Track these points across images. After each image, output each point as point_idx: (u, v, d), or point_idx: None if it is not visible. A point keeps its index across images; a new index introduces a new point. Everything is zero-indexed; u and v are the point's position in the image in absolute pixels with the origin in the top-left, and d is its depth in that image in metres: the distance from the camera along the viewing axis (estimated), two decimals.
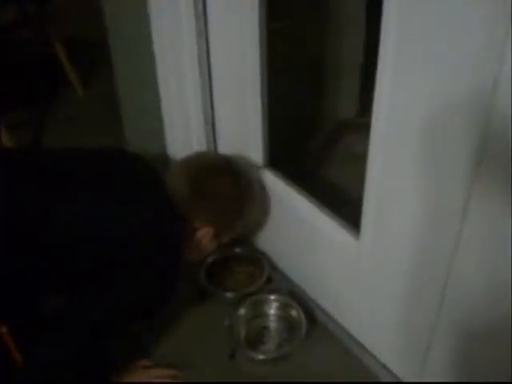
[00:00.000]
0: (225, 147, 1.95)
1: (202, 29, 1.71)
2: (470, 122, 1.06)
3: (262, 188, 1.81)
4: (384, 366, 1.62)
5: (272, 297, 1.81)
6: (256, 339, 1.75)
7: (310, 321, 1.74)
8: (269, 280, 1.89)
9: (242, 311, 1.77)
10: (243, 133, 1.81)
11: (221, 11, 1.67)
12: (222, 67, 1.78)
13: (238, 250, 2.00)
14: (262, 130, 1.75)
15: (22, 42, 3.43)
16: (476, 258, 1.17)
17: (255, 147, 1.79)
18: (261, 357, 1.68)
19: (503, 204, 1.06)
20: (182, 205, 1.51)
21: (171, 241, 1.46)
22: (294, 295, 1.84)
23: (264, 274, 1.88)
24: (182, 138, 1.99)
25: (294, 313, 1.75)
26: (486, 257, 1.15)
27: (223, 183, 1.58)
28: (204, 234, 1.56)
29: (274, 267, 1.94)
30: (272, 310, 1.81)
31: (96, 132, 2.84)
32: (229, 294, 1.83)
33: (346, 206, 1.67)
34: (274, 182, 1.79)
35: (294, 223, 1.75)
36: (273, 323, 1.79)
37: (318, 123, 2.34)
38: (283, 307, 1.79)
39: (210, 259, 1.92)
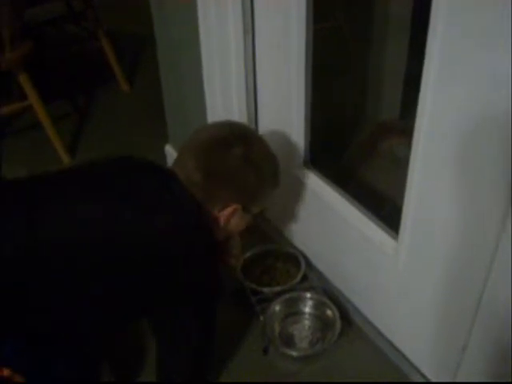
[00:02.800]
0: None
1: (248, 26, 1.72)
2: (510, 133, 1.07)
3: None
4: (416, 369, 1.61)
5: (308, 295, 1.82)
6: (290, 336, 1.76)
7: (344, 320, 1.74)
8: (304, 277, 1.90)
9: (277, 308, 1.78)
10: (286, 132, 1.82)
11: (268, 7, 1.68)
12: (266, 65, 1.79)
13: (274, 246, 2.01)
14: (305, 130, 1.76)
15: (68, 36, 3.50)
16: None
17: (297, 147, 1.81)
18: (294, 353, 1.70)
19: None
20: (199, 190, 1.42)
21: (200, 232, 1.40)
22: (329, 294, 1.84)
23: (300, 271, 1.89)
24: None
25: (328, 312, 1.76)
26: None
27: (231, 156, 1.44)
28: (231, 213, 1.46)
29: (310, 265, 1.95)
30: (307, 308, 1.81)
31: (138, 127, 2.88)
32: (265, 290, 1.84)
33: (385, 207, 1.68)
34: (313, 181, 1.80)
35: (331, 222, 1.76)
36: (307, 321, 1.80)
37: (360, 124, 2.34)
38: (318, 306, 1.80)
39: (247, 254, 1.94)
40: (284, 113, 1.78)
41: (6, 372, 1.30)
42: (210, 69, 1.90)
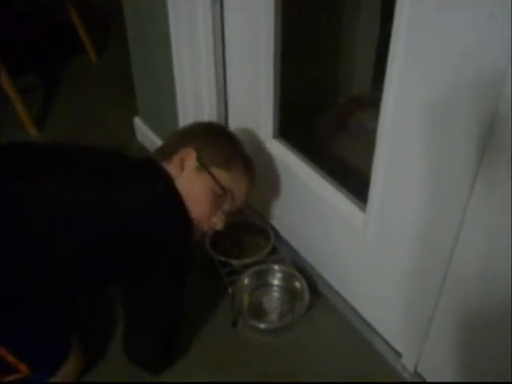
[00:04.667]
0: (235, 117, 1.95)
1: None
2: (478, 105, 1.06)
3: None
4: (385, 340, 1.63)
5: (276, 267, 1.81)
6: (258, 308, 1.76)
7: (313, 292, 1.74)
8: (274, 250, 1.90)
9: (246, 280, 1.78)
10: (254, 103, 1.80)
11: None
12: (235, 38, 1.77)
13: (244, 219, 2.00)
14: (274, 101, 1.74)
15: (37, 7, 3.42)
16: (480, 235, 1.18)
17: (265, 117, 1.79)
18: (262, 326, 1.69)
19: (507, 189, 1.07)
20: (169, 152, 1.50)
21: (170, 205, 1.41)
22: (298, 266, 1.85)
23: (269, 244, 1.89)
24: (194, 109, 1.99)
25: (297, 284, 1.76)
26: (489, 233, 1.16)
27: (220, 139, 1.57)
28: (185, 155, 1.47)
29: (279, 237, 1.95)
30: (276, 280, 1.81)
31: (107, 99, 2.85)
32: (234, 262, 1.83)
33: (353, 178, 1.68)
34: (282, 153, 1.79)
35: (301, 194, 1.75)
36: (276, 293, 1.80)
37: (331, 97, 2.33)
38: (287, 278, 1.80)
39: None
40: (253, 83, 1.76)
41: None
42: (178, 41, 1.87)
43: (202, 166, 1.47)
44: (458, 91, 1.10)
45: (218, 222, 1.55)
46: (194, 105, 1.98)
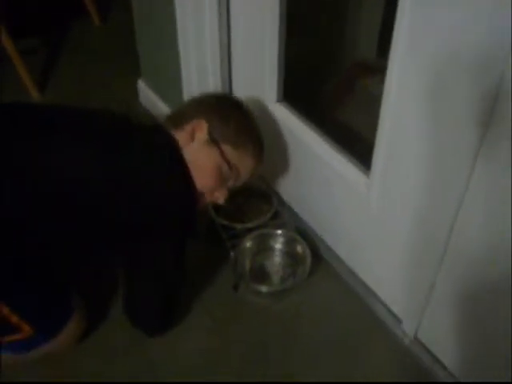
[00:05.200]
0: (239, 80, 1.93)
1: None
2: (483, 76, 1.05)
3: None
4: (386, 306, 1.63)
5: (278, 231, 1.82)
6: (260, 272, 1.77)
7: (314, 257, 1.75)
8: (276, 215, 1.90)
9: (248, 244, 1.79)
10: (259, 66, 1.78)
11: None
12: (241, 1, 1.74)
13: (247, 184, 1.99)
14: (278, 63, 1.72)
15: None
16: (483, 202, 1.17)
17: (270, 80, 1.76)
18: (264, 289, 1.70)
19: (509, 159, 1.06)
20: (182, 122, 1.49)
21: (176, 169, 1.41)
22: (301, 231, 1.85)
23: (272, 208, 1.89)
24: (197, 71, 1.98)
25: (299, 248, 1.77)
26: (492, 201, 1.15)
27: (232, 109, 1.57)
28: (197, 126, 1.47)
29: (282, 202, 1.95)
30: (278, 244, 1.82)
31: (110, 62, 2.82)
32: (236, 226, 1.83)
33: (358, 144, 1.66)
34: (286, 117, 1.77)
35: (305, 159, 1.74)
36: (278, 258, 1.81)
37: (337, 62, 2.31)
38: (289, 242, 1.80)
39: None
40: (258, 46, 1.74)
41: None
42: (182, 4, 1.85)
43: (213, 140, 1.47)
44: (463, 61, 1.08)
45: (220, 197, 1.55)
46: (197, 67, 1.96)
